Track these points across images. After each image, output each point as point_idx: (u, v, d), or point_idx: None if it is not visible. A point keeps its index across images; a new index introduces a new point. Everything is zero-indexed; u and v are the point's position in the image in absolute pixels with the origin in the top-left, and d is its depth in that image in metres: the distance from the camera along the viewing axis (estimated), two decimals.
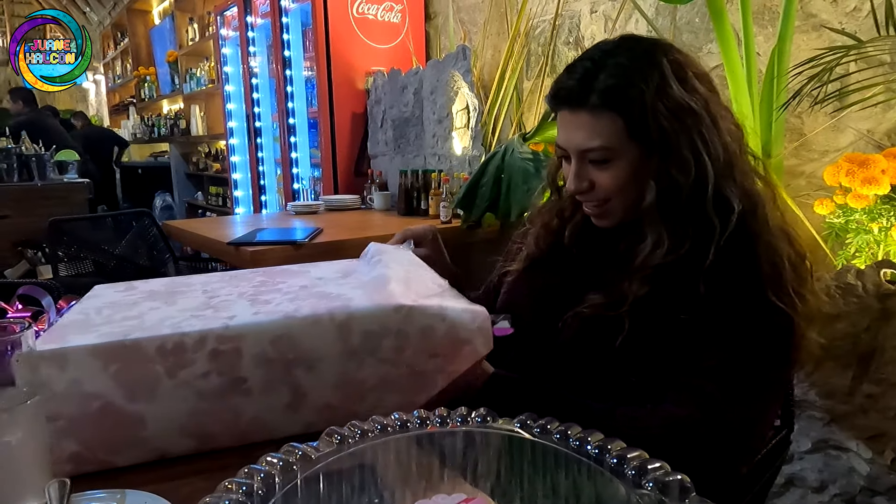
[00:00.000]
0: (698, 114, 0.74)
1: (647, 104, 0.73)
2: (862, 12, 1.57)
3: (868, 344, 1.26)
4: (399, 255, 0.86)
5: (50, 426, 0.55)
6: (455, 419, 0.45)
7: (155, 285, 0.80)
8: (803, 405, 1.32)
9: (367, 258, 0.88)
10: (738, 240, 0.72)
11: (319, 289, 0.73)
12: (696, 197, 0.73)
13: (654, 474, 0.34)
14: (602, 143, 0.76)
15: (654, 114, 0.73)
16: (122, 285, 0.81)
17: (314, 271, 0.84)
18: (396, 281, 0.71)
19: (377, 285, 0.72)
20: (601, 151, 0.76)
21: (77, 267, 2.58)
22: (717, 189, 0.73)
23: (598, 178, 0.78)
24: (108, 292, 0.78)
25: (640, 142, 0.75)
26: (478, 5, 2.78)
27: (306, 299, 0.68)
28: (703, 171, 0.73)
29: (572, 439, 0.39)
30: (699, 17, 1.92)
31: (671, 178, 0.74)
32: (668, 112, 0.73)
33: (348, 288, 0.73)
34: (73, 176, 4.11)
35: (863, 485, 1.29)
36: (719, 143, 0.74)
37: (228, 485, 0.37)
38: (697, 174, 0.73)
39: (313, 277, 0.79)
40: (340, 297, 0.68)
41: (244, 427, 0.62)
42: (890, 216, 1.37)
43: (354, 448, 0.41)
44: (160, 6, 6.53)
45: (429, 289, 0.72)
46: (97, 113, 8.84)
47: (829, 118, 1.61)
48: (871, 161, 1.36)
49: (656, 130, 0.73)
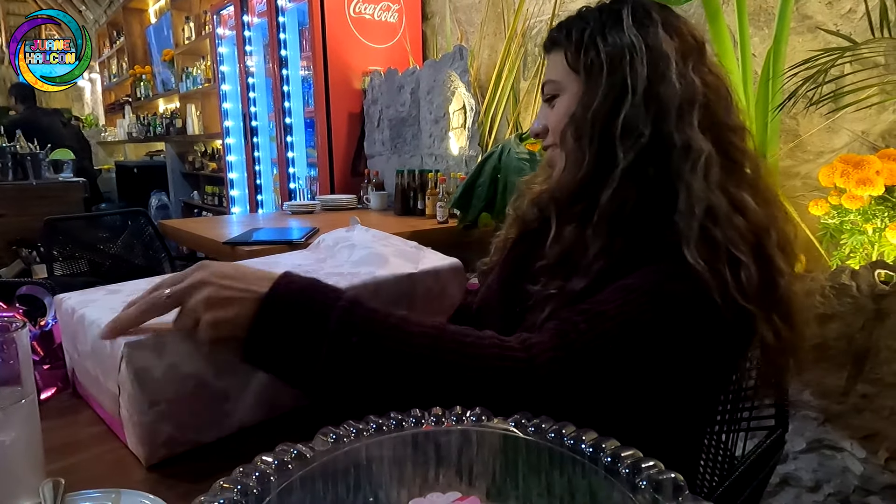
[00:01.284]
0: (637, 49, 0.71)
1: (585, 38, 0.74)
2: (857, 14, 1.58)
3: (862, 344, 1.26)
4: (366, 235, 0.91)
5: (150, 413, 0.58)
6: (450, 418, 0.45)
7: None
8: (798, 405, 1.32)
9: (329, 245, 0.90)
10: (660, 185, 0.69)
11: (327, 270, 0.77)
12: (602, 121, 0.71)
13: (648, 472, 0.35)
14: (549, 76, 0.79)
15: (591, 46, 0.73)
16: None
17: (288, 260, 0.86)
18: (392, 255, 0.82)
19: (379, 261, 0.80)
20: (550, 85, 0.79)
21: (72, 266, 2.57)
22: (629, 120, 0.70)
23: (549, 118, 0.80)
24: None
25: (577, 75, 0.75)
26: (474, 5, 2.78)
27: (330, 276, 0.72)
28: (611, 101, 0.71)
29: (567, 438, 0.39)
30: (695, 18, 1.92)
31: (583, 105, 0.73)
32: (606, 44, 0.72)
33: (350, 267, 0.79)
34: (69, 175, 4.09)
35: (857, 484, 1.30)
36: (662, 81, 0.70)
37: (223, 484, 0.37)
38: (603, 102, 0.71)
39: (297, 264, 0.81)
40: (359, 274, 0.76)
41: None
42: (884, 217, 1.37)
43: (349, 447, 0.41)
44: (156, 5, 6.52)
45: (413, 254, 0.84)
46: (93, 112, 8.81)
47: (823, 119, 1.62)
48: (865, 162, 1.37)
49: (587, 60, 0.73)
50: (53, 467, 0.56)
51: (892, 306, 1.23)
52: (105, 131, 7.84)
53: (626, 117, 0.70)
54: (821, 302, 1.27)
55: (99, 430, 0.67)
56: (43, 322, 0.82)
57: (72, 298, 0.70)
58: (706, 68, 0.74)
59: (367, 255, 0.81)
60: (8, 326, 0.50)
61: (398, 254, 0.83)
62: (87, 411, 0.71)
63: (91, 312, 0.64)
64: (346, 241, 0.88)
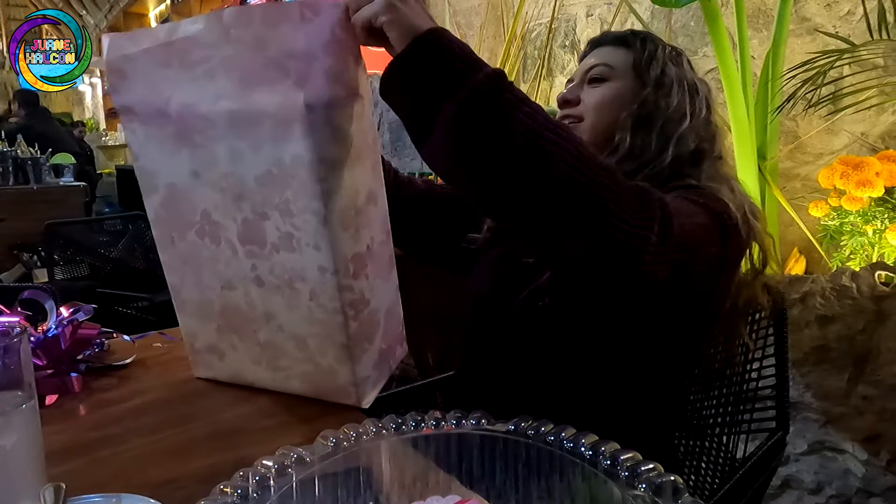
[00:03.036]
0: (698, 90, 0.85)
1: (658, 57, 0.85)
2: (855, 16, 1.58)
3: (863, 346, 1.26)
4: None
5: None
6: (450, 422, 0.45)
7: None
8: (799, 407, 1.32)
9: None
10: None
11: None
12: (666, 131, 0.82)
13: (647, 475, 0.35)
14: (607, 61, 0.87)
15: (661, 63, 0.85)
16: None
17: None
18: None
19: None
20: (603, 68, 0.86)
21: (73, 270, 2.57)
22: (682, 136, 0.81)
23: (588, 94, 0.87)
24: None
25: (638, 77, 0.85)
26: (474, 9, 2.79)
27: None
28: (681, 116, 0.82)
29: (566, 441, 0.39)
30: (694, 20, 1.93)
31: (655, 106, 0.82)
32: (673, 70, 0.85)
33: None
34: (69, 179, 4.10)
35: (858, 486, 1.29)
36: (703, 116, 0.84)
37: (224, 488, 0.37)
38: (675, 114, 0.82)
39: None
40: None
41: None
42: (884, 218, 1.37)
43: (349, 450, 0.41)
44: (156, 9, 6.54)
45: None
46: (93, 116, 8.82)
47: (823, 121, 1.62)
48: (865, 164, 1.37)
49: (657, 71, 0.84)
50: (55, 472, 0.56)
51: (892, 308, 1.23)
52: (106, 135, 7.85)
53: (677, 144, 0.81)
54: (821, 304, 1.27)
55: (101, 434, 0.67)
56: (45, 327, 0.82)
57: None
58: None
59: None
60: (9, 331, 0.50)
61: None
62: (89, 415, 0.72)
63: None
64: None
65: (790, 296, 1.27)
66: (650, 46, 0.87)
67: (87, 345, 0.85)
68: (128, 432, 0.67)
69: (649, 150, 0.81)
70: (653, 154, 0.81)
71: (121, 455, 0.62)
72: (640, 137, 0.82)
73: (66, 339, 0.81)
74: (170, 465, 0.60)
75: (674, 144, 0.81)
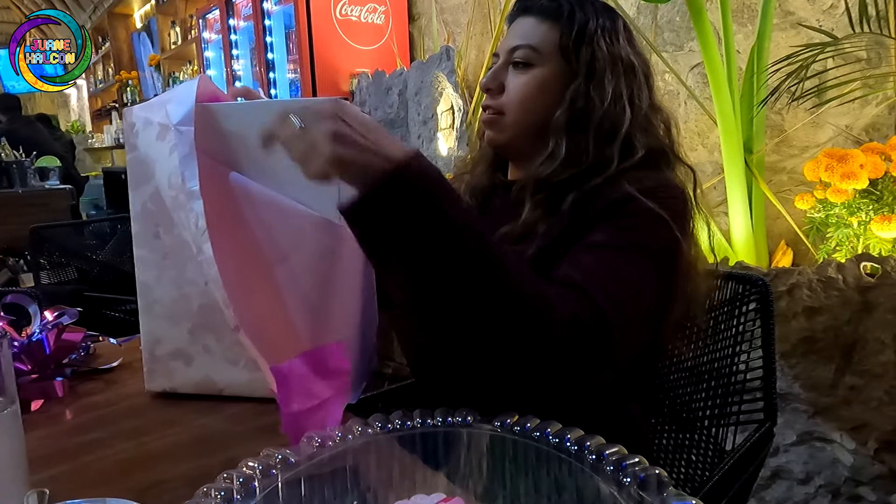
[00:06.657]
0: (635, 69, 0.77)
1: (589, 32, 0.76)
2: (838, 10, 1.59)
3: (850, 336, 1.27)
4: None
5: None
6: (437, 419, 0.45)
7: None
8: (787, 398, 1.33)
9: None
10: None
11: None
12: (605, 129, 0.74)
13: (632, 469, 0.35)
14: (531, 42, 0.77)
15: (592, 42, 0.75)
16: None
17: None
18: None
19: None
20: (527, 50, 0.77)
21: (60, 275, 2.54)
22: (628, 135, 0.74)
23: (512, 82, 0.78)
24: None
25: (567, 61, 0.76)
26: (461, 6, 2.78)
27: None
28: (620, 109, 0.74)
29: (552, 437, 0.39)
30: (679, 15, 1.94)
31: (588, 100, 0.75)
32: (606, 50, 0.75)
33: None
34: (55, 182, 4.06)
35: (847, 475, 1.31)
36: (646, 104, 0.76)
37: (207, 490, 0.36)
38: (613, 108, 0.74)
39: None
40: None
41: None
42: (869, 210, 1.39)
43: (335, 450, 0.41)
44: (141, 10, 6.48)
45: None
46: (79, 118, 8.73)
47: (808, 114, 1.63)
48: (849, 156, 1.38)
49: (587, 55, 0.75)
50: (38, 477, 0.55)
51: (878, 298, 1.24)
52: (92, 137, 7.77)
53: (626, 132, 0.74)
54: (808, 295, 1.27)
55: (86, 438, 0.66)
56: (29, 331, 0.81)
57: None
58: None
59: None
60: None
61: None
62: (75, 420, 0.71)
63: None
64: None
65: (777, 288, 1.28)
66: (580, 18, 0.76)
67: (72, 349, 0.84)
68: (113, 436, 0.67)
69: (589, 153, 0.74)
70: (594, 156, 0.74)
71: (106, 459, 0.62)
72: (576, 140, 0.75)
73: (50, 343, 0.80)
74: (156, 469, 0.60)
75: (618, 147, 0.74)
